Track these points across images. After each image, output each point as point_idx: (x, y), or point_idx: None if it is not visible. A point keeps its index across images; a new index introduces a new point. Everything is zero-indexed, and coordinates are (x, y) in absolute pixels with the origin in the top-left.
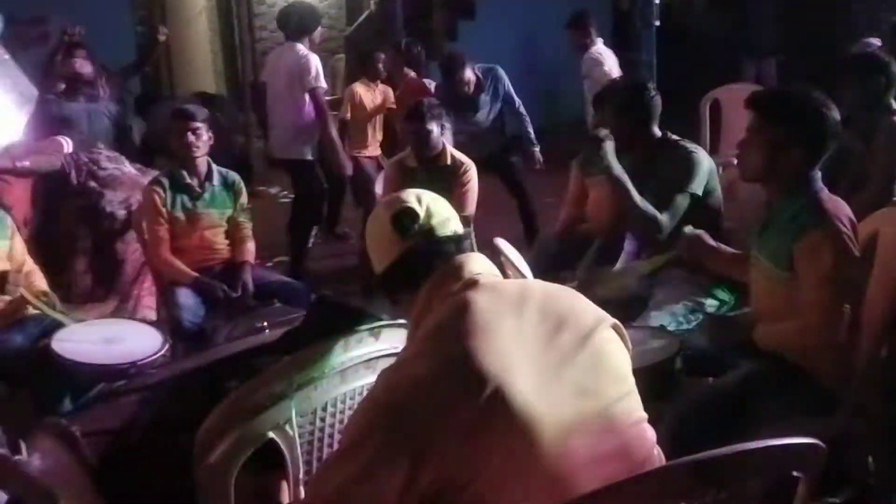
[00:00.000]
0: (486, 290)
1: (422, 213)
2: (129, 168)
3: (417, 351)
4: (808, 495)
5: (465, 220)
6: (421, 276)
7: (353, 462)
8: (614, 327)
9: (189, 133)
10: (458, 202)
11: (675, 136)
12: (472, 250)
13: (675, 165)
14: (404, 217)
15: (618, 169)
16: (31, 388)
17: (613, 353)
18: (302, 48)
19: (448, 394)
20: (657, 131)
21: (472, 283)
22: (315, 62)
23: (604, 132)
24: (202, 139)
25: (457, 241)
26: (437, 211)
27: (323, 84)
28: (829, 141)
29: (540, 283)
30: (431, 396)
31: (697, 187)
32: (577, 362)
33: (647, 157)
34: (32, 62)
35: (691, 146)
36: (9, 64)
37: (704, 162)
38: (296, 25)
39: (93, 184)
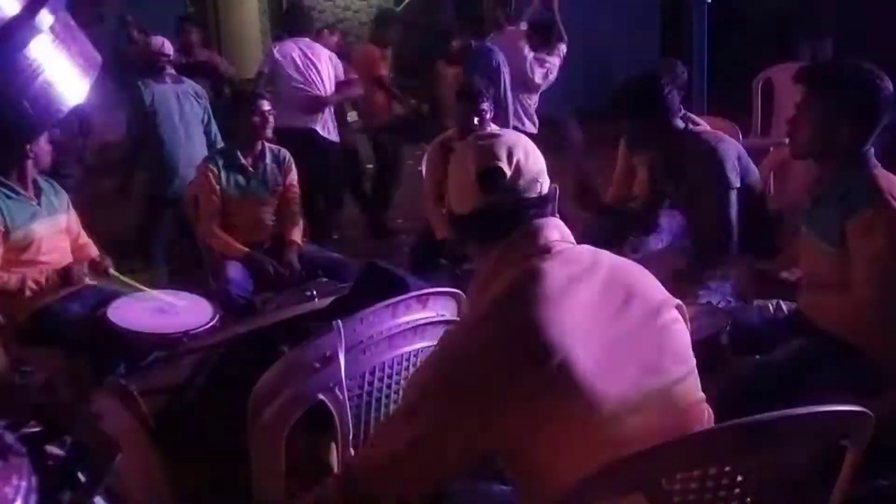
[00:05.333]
0: (559, 259)
1: (510, 172)
2: None
3: (484, 314)
4: (855, 465)
5: None
6: (495, 235)
7: (416, 422)
8: (678, 307)
9: (258, 115)
10: None
11: (697, 128)
12: (554, 214)
13: (702, 164)
14: (491, 176)
15: None
16: (88, 355)
17: (678, 333)
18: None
19: (513, 361)
20: (679, 123)
21: (546, 251)
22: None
23: None
24: (269, 122)
25: (538, 204)
26: (526, 168)
27: None
28: (882, 114)
29: (610, 254)
30: (496, 362)
31: (735, 181)
32: (644, 338)
33: (672, 152)
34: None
35: (714, 139)
36: (75, 31)
37: (731, 151)
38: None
39: None
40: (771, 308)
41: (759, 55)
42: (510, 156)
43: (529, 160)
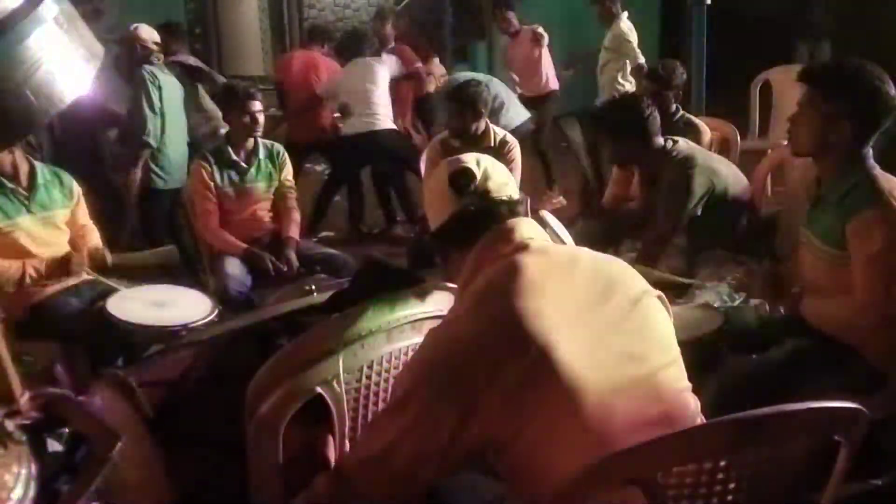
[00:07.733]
0: (537, 254)
1: (479, 174)
2: None
3: (466, 309)
4: (849, 461)
5: None
6: (473, 236)
7: (402, 416)
8: (659, 298)
9: (251, 114)
10: None
11: (676, 149)
12: (527, 216)
13: (672, 183)
14: (461, 177)
15: None
16: (86, 348)
17: (660, 322)
18: None
19: (494, 352)
20: (659, 142)
21: (523, 247)
22: None
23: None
24: (259, 122)
25: (511, 205)
26: (494, 174)
27: None
28: (883, 115)
29: (589, 250)
30: (478, 354)
31: (695, 209)
32: (625, 327)
33: (653, 170)
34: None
35: (684, 166)
36: (78, 22)
37: (698, 186)
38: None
39: None
40: (767, 308)
41: (758, 57)
42: (478, 162)
43: (497, 168)
